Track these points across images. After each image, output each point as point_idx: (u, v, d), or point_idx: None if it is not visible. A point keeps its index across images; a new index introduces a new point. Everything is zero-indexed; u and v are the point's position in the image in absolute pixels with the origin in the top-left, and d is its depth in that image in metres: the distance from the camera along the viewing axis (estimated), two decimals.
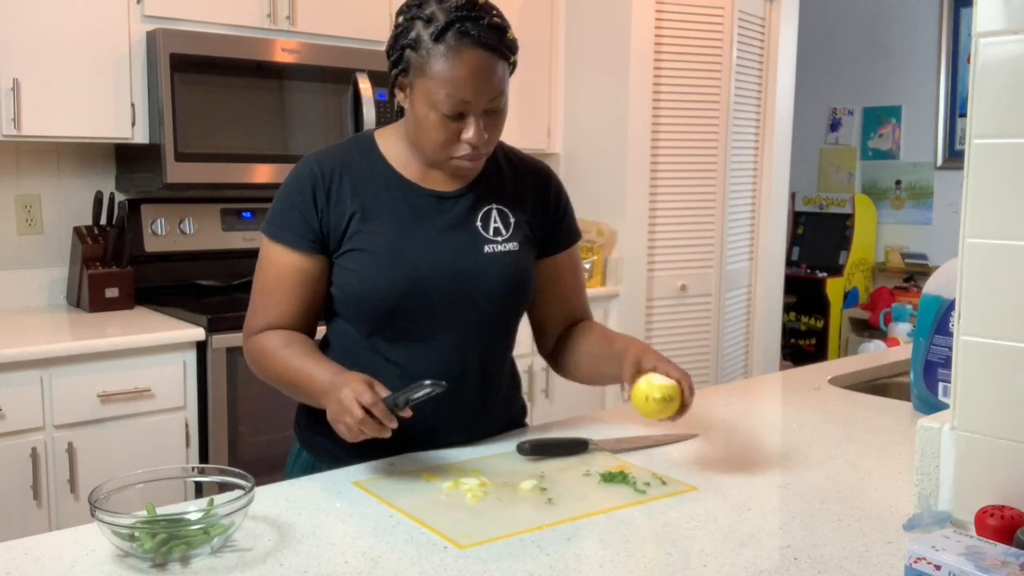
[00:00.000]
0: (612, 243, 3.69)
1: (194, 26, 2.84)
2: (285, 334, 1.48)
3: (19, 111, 2.59)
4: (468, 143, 1.40)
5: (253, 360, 1.52)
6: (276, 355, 1.46)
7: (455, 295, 1.47)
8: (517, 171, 1.58)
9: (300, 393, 1.46)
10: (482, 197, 1.52)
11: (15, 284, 2.96)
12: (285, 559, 1.10)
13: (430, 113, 1.39)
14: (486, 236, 1.50)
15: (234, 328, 2.66)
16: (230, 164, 2.89)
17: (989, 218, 1.12)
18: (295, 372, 1.44)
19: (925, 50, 5.56)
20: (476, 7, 1.36)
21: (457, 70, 1.35)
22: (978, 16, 1.12)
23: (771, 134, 4.11)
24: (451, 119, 1.38)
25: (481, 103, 1.38)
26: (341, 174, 1.48)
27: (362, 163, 1.50)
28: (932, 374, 1.74)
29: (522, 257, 1.53)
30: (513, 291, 1.53)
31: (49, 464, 2.42)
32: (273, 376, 1.49)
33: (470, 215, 1.51)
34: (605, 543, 1.16)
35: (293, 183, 1.51)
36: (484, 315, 1.50)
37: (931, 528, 1.16)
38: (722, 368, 3.96)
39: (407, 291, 1.45)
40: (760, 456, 1.53)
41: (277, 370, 1.47)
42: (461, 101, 1.37)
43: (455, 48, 1.34)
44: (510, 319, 1.58)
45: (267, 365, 1.48)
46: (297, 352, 1.45)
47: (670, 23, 3.63)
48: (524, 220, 1.55)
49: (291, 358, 1.45)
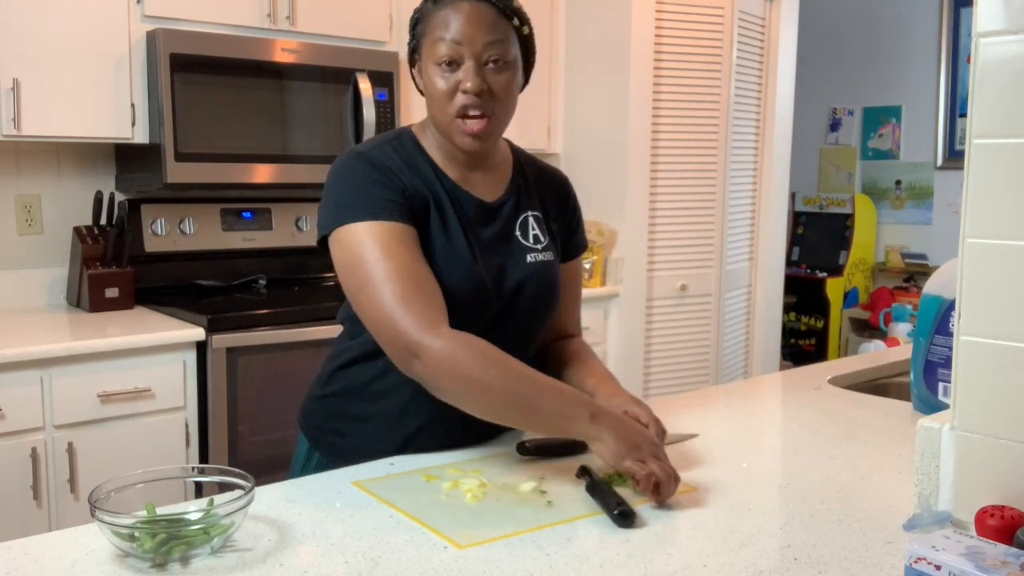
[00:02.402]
0: (612, 243, 3.69)
1: (194, 26, 2.84)
2: (485, 343, 1.29)
3: (19, 111, 2.59)
4: (464, 91, 1.37)
5: (460, 364, 1.25)
6: (511, 366, 1.27)
7: (500, 303, 1.46)
8: (539, 178, 1.59)
9: (546, 408, 1.27)
10: (520, 205, 1.52)
11: (15, 284, 2.96)
12: (285, 559, 1.10)
13: (431, 68, 1.39)
14: (526, 244, 1.50)
15: (234, 328, 2.67)
16: (230, 164, 2.90)
17: (989, 218, 1.12)
18: (548, 386, 1.28)
19: (925, 50, 5.56)
20: None
21: (452, 17, 1.37)
22: (978, 16, 1.12)
23: (771, 134, 4.11)
24: (450, 69, 1.38)
25: (476, 46, 1.37)
26: (404, 167, 1.42)
27: (415, 160, 1.45)
28: (932, 374, 1.74)
29: (555, 265, 1.55)
30: (549, 299, 1.53)
31: (49, 464, 2.42)
32: (504, 384, 1.26)
33: (510, 224, 1.50)
34: (605, 543, 1.16)
35: (364, 167, 1.39)
36: (520, 322, 1.50)
37: (931, 528, 1.16)
38: (722, 368, 3.96)
39: (458, 299, 1.38)
40: (760, 456, 1.53)
41: (514, 379, 1.27)
42: (453, 43, 1.36)
43: (452, 4, 1.37)
44: (541, 325, 1.57)
45: (493, 377, 1.25)
46: (523, 364, 1.30)
47: (670, 23, 3.63)
48: (554, 228, 1.57)
49: (526, 369, 1.28)
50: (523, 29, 1.43)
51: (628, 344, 3.67)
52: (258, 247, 3.28)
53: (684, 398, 1.94)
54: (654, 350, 3.76)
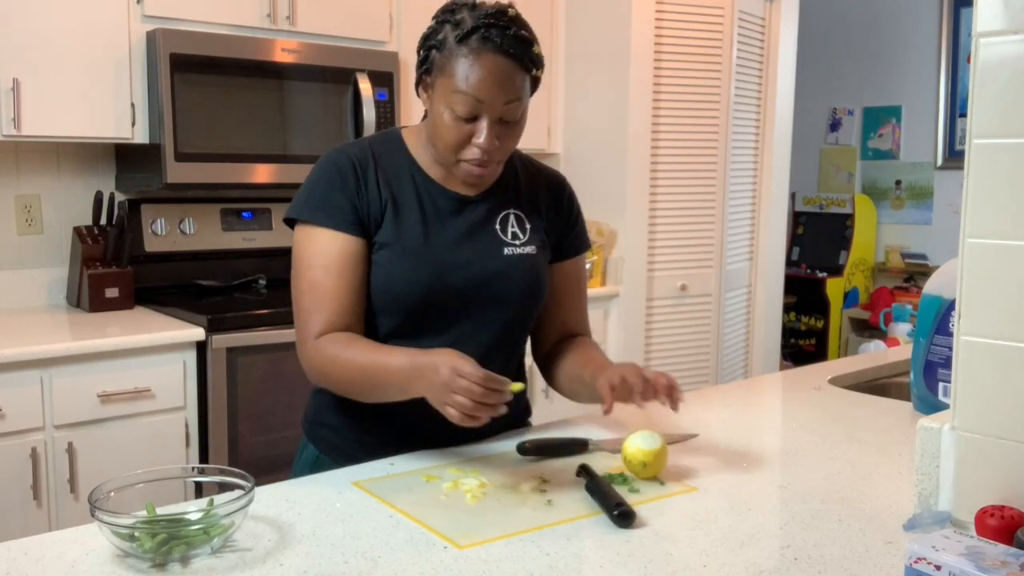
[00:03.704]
0: (612, 243, 3.69)
1: (194, 26, 2.84)
2: (344, 336, 1.42)
3: (19, 111, 2.59)
4: (478, 147, 1.41)
5: (315, 369, 1.45)
6: (340, 357, 1.40)
7: (474, 295, 1.49)
8: (533, 179, 1.61)
9: (380, 388, 1.40)
10: (501, 202, 1.55)
11: (15, 284, 2.96)
12: (285, 559, 1.10)
13: (445, 112, 1.41)
14: (505, 239, 1.53)
15: (234, 328, 2.67)
16: (230, 164, 2.90)
17: (989, 218, 1.12)
18: (369, 367, 1.38)
19: (925, 50, 5.56)
20: (505, 17, 1.39)
21: (475, 71, 1.37)
22: (978, 16, 1.12)
23: (771, 134, 4.11)
24: (465, 121, 1.40)
25: (496, 107, 1.39)
26: (375, 164, 1.49)
27: (392, 158, 1.52)
28: (932, 374, 1.74)
29: (539, 261, 1.56)
30: (530, 293, 1.55)
31: (49, 464, 2.42)
32: (344, 380, 1.43)
33: (489, 219, 1.53)
34: (605, 543, 1.16)
35: (330, 169, 1.49)
36: (500, 316, 1.52)
37: (931, 528, 1.16)
38: (722, 368, 3.96)
39: (429, 289, 1.46)
40: (760, 456, 1.53)
41: (348, 373, 1.41)
42: (475, 101, 1.38)
43: (476, 51, 1.37)
44: (525, 321, 1.59)
45: (333, 371, 1.42)
46: (363, 348, 1.40)
47: (670, 23, 3.63)
48: (540, 226, 1.58)
49: (358, 356, 1.39)
50: (538, 72, 1.45)
51: (628, 344, 3.67)
52: (258, 247, 3.28)
53: (684, 398, 1.94)
54: (654, 350, 3.76)
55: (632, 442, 1.39)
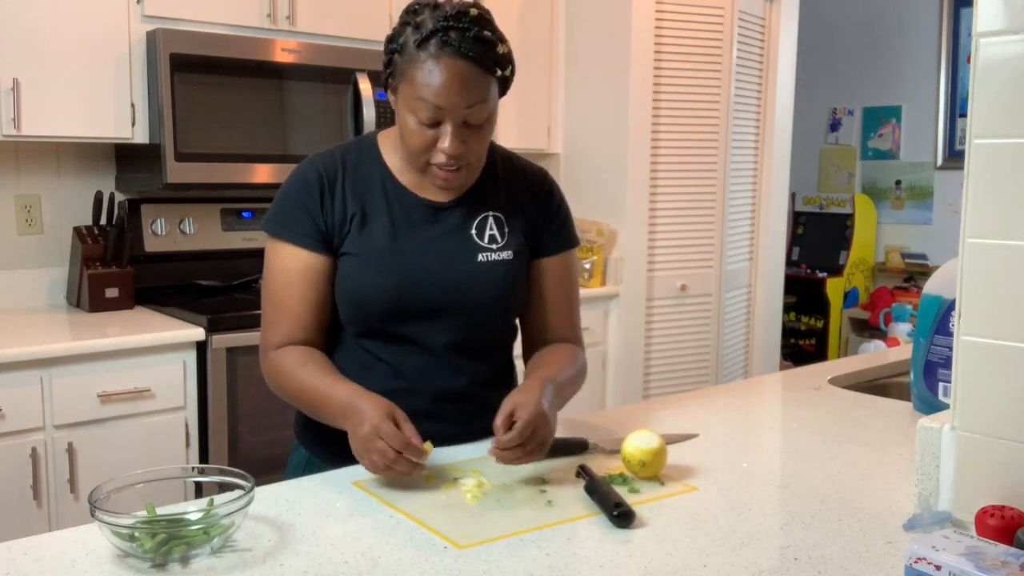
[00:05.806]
0: (612, 243, 3.69)
1: (194, 26, 2.84)
2: (302, 351, 1.47)
3: (19, 111, 2.59)
4: (443, 152, 1.39)
5: (271, 379, 1.51)
6: (293, 374, 1.46)
7: (445, 302, 1.48)
8: (513, 176, 1.58)
9: (319, 413, 1.45)
10: (477, 205, 1.53)
11: (15, 284, 2.96)
12: (285, 559, 1.10)
13: (409, 117, 1.40)
14: (480, 244, 1.51)
15: (234, 328, 2.67)
16: (230, 164, 2.89)
17: (989, 218, 1.12)
18: (313, 392, 1.43)
19: (925, 50, 5.56)
20: (466, 18, 1.35)
21: (434, 77, 1.34)
22: (978, 16, 1.12)
23: (771, 134, 4.11)
24: (428, 126, 1.38)
25: (457, 112, 1.37)
26: (344, 176, 1.50)
27: (363, 166, 1.51)
28: (932, 374, 1.74)
29: (514, 266, 1.53)
30: (504, 298, 1.53)
31: (49, 464, 2.42)
32: (291, 396, 1.48)
33: (464, 224, 1.51)
34: (605, 543, 1.16)
35: (298, 183, 1.51)
36: (475, 321, 1.51)
37: (931, 528, 1.16)
38: (722, 368, 3.96)
39: (398, 297, 1.46)
40: (760, 456, 1.53)
41: (294, 391, 1.46)
42: (436, 108, 1.36)
43: (435, 56, 1.34)
44: (505, 324, 1.58)
45: (285, 385, 1.48)
46: (313, 371, 1.44)
47: (670, 23, 3.63)
48: (519, 227, 1.55)
49: (307, 378, 1.44)
50: (504, 73, 1.41)
51: (628, 344, 3.67)
52: (258, 247, 3.27)
53: (684, 398, 1.94)
54: (654, 350, 3.76)
55: (631, 442, 1.39)
